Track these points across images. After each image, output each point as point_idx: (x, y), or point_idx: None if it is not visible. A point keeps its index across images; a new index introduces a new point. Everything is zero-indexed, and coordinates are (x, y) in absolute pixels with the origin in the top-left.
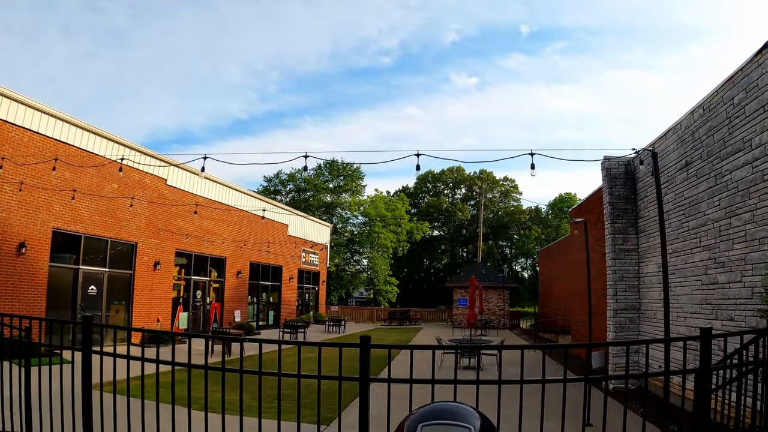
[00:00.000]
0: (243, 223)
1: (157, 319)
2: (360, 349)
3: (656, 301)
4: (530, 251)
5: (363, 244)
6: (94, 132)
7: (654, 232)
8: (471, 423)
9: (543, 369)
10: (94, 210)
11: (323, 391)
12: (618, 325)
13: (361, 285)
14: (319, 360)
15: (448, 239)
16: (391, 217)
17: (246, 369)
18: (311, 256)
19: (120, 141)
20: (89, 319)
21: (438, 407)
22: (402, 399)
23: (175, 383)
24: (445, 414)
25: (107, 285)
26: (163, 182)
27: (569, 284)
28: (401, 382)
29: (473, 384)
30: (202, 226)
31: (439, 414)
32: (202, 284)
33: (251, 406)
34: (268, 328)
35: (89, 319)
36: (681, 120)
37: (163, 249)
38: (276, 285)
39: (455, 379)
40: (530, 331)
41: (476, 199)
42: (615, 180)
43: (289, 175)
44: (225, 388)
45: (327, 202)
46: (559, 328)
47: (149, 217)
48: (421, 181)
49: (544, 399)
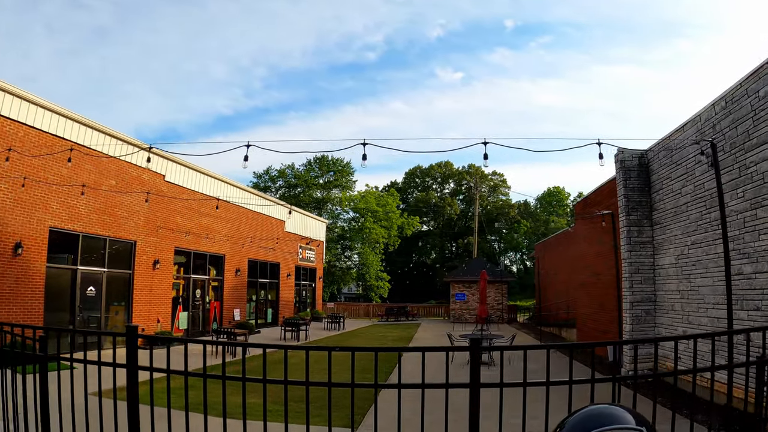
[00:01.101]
0: (241, 220)
1: (158, 319)
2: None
3: (674, 293)
4: (519, 245)
5: (354, 240)
6: (90, 126)
7: (670, 224)
8: (642, 425)
9: (570, 371)
10: (92, 208)
11: (343, 390)
12: (635, 318)
13: (352, 281)
14: (330, 369)
15: (438, 234)
16: (382, 212)
17: (249, 377)
18: (308, 253)
19: (116, 135)
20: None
21: (597, 411)
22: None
23: (176, 389)
24: (611, 418)
25: (106, 285)
26: (161, 178)
27: (574, 277)
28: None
29: (496, 387)
30: (201, 223)
31: (605, 419)
32: (201, 283)
33: (255, 412)
34: (267, 326)
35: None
36: (700, 112)
37: (162, 247)
38: (274, 282)
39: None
40: (529, 325)
41: (465, 193)
42: (629, 172)
43: (279, 171)
44: (226, 393)
45: (317, 197)
46: (562, 321)
47: (148, 215)
48: (409, 176)
49: (571, 400)
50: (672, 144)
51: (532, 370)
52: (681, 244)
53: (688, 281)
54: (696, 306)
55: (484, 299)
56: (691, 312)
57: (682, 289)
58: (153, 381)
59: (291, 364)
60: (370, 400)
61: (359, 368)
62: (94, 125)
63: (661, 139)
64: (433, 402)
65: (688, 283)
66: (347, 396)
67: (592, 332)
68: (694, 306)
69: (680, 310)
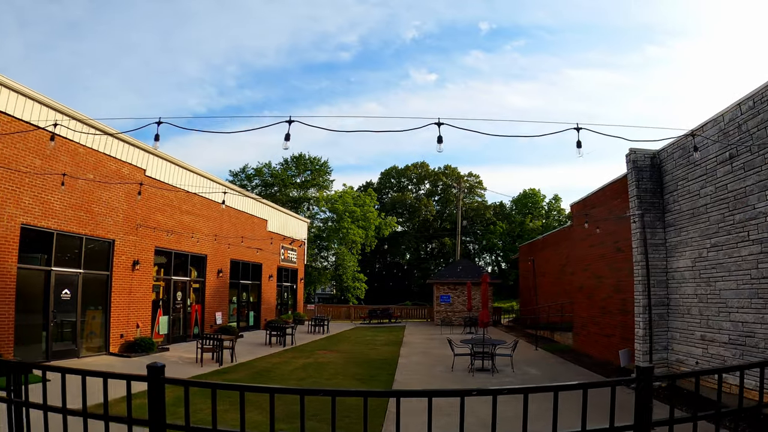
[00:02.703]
0: (223, 218)
1: (137, 324)
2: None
3: (690, 296)
4: (495, 246)
5: (331, 240)
6: (68, 114)
7: (686, 225)
8: None
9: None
10: (67, 203)
11: (349, 404)
12: (648, 322)
13: (328, 282)
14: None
15: (413, 235)
16: (360, 212)
17: (245, 382)
18: (290, 253)
19: (94, 124)
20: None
21: None
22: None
23: (177, 400)
24: None
25: (82, 288)
26: (142, 173)
27: (570, 279)
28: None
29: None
30: (183, 222)
31: None
32: (182, 285)
33: (265, 422)
34: (250, 330)
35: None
36: (723, 112)
37: (141, 247)
38: (256, 284)
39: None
40: (516, 328)
41: (441, 194)
42: (641, 173)
43: (256, 169)
44: (223, 403)
45: (294, 197)
46: (556, 324)
47: (127, 212)
48: (385, 176)
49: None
50: (689, 144)
51: (535, 377)
52: (699, 247)
53: (708, 284)
54: (716, 310)
55: (486, 302)
56: (711, 316)
57: (701, 292)
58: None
59: (284, 373)
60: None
61: (358, 375)
62: (72, 113)
63: (676, 139)
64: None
65: (707, 286)
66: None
67: (593, 336)
68: (714, 310)
69: (698, 314)
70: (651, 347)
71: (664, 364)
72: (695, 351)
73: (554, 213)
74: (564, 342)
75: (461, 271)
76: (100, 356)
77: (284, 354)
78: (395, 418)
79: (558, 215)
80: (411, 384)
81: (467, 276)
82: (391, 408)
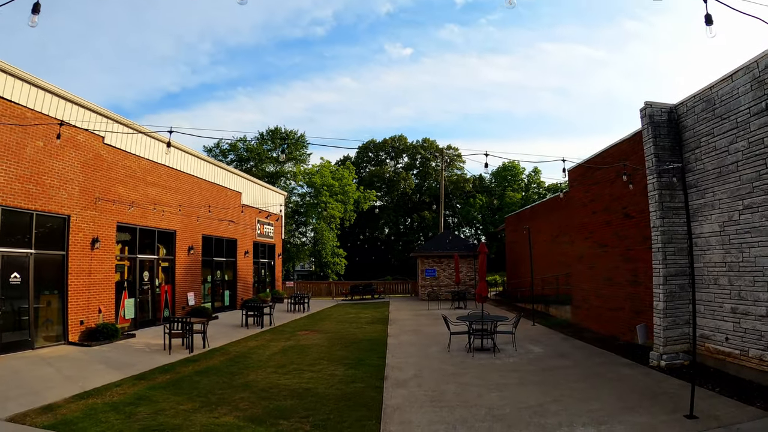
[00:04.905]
0: (194, 191)
1: (99, 309)
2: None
3: (718, 264)
4: (475, 219)
5: (309, 215)
6: (9, 73)
7: (712, 186)
8: None
9: None
10: (12, 175)
11: (337, 395)
12: (669, 294)
13: (307, 258)
14: None
15: (392, 209)
16: (338, 186)
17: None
18: (266, 228)
19: (44, 86)
20: None
21: None
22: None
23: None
24: None
25: (34, 270)
26: (100, 141)
27: (566, 249)
28: None
29: None
30: (148, 194)
31: None
32: (150, 264)
33: (239, 426)
34: (226, 310)
35: None
36: (758, 58)
37: (101, 222)
38: (231, 261)
39: None
40: (504, 302)
41: (419, 168)
42: (658, 129)
43: (231, 144)
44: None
45: (270, 171)
46: (551, 297)
47: (84, 184)
48: (362, 150)
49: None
50: (714, 96)
51: (541, 355)
52: (728, 209)
53: (740, 251)
54: (751, 279)
55: (483, 275)
56: (743, 287)
57: (731, 260)
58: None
59: (264, 359)
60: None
61: (344, 359)
62: (15, 71)
63: (698, 92)
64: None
65: (739, 253)
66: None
67: (596, 310)
68: (748, 279)
69: (727, 285)
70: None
71: (686, 341)
72: (724, 325)
73: (533, 186)
74: (561, 316)
75: (448, 242)
76: (58, 346)
77: (262, 336)
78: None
79: (537, 188)
80: (405, 368)
81: (454, 248)
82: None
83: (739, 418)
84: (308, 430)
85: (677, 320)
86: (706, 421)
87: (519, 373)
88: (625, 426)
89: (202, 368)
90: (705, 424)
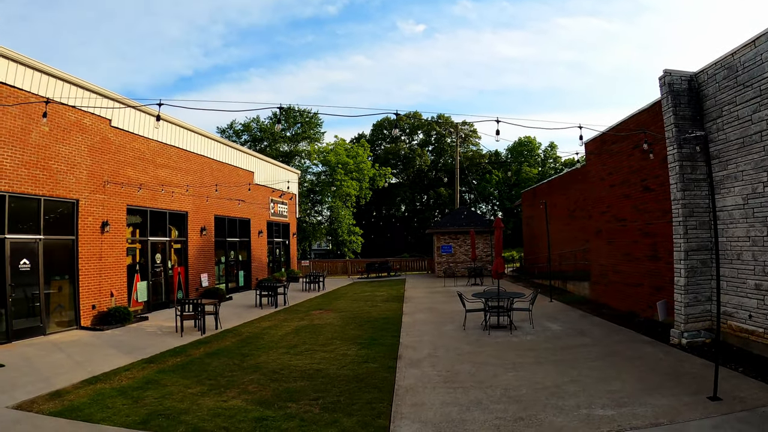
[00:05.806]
0: (204, 171)
1: (111, 292)
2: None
3: (741, 239)
4: (491, 195)
5: (324, 194)
6: (14, 59)
7: (735, 157)
8: None
9: None
10: (19, 161)
11: (348, 376)
12: (690, 269)
13: (323, 237)
14: None
15: (408, 186)
16: (353, 164)
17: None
18: (280, 207)
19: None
20: None
21: None
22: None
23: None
24: None
25: (44, 256)
26: (107, 124)
27: (585, 223)
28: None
29: None
30: (158, 176)
31: None
32: (162, 246)
33: (246, 409)
34: (240, 291)
35: None
36: None
37: (111, 206)
38: (245, 241)
39: None
40: (521, 278)
41: (435, 144)
42: (679, 97)
43: (244, 124)
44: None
45: (284, 151)
46: (569, 273)
47: (92, 167)
48: (377, 127)
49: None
50: (736, 63)
51: (559, 333)
52: (752, 181)
53: (765, 225)
54: None
55: (500, 251)
56: None
57: (755, 234)
58: None
59: (275, 339)
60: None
61: (358, 339)
62: (19, 57)
63: (719, 58)
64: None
65: (764, 227)
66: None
67: (615, 285)
68: None
69: (751, 260)
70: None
71: (708, 318)
72: (748, 302)
73: (550, 161)
74: (579, 292)
75: (464, 218)
76: (70, 331)
77: (275, 316)
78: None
79: (554, 162)
80: (419, 347)
81: (470, 224)
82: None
83: (765, 401)
84: (317, 413)
85: (699, 297)
86: (731, 404)
87: (536, 351)
88: (646, 408)
89: (212, 350)
90: (730, 406)
